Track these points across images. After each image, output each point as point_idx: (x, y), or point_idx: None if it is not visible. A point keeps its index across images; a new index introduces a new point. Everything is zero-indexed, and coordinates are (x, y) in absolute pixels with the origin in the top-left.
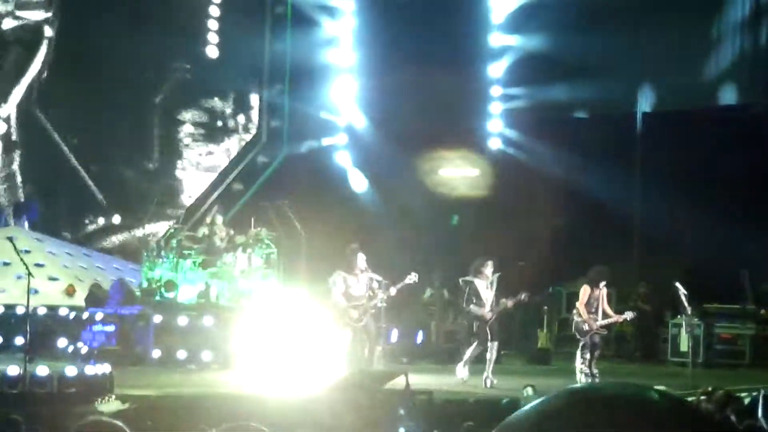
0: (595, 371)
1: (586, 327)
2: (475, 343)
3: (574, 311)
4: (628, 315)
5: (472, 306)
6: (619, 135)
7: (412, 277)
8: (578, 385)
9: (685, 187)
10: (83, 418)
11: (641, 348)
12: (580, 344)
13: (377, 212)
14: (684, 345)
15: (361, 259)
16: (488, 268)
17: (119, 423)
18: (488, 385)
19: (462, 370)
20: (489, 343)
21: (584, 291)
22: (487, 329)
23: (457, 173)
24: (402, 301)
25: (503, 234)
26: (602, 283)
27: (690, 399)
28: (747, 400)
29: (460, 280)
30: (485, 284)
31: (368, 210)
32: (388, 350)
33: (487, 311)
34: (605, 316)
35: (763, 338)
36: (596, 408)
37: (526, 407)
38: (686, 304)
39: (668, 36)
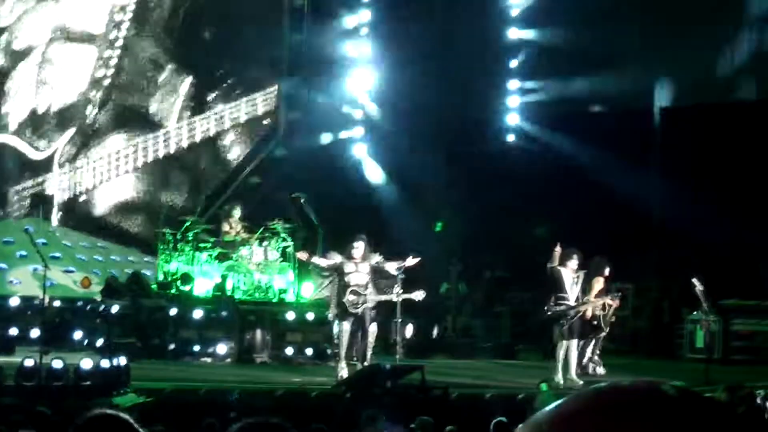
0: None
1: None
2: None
3: (596, 304)
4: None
5: (554, 300)
6: (636, 129)
7: (411, 261)
8: (601, 384)
9: (703, 181)
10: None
11: (657, 344)
12: (601, 335)
13: (394, 205)
14: (700, 341)
15: (361, 247)
16: (574, 261)
17: (124, 415)
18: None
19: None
20: (569, 342)
21: (600, 282)
22: (569, 326)
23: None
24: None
25: (520, 227)
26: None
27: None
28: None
29: (547, 267)
30: (572, 277)
31: (385, 203)
32: (404, 345)
33: (572, 306)
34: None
35: None
36: (620, 406)
37: (551, 406)
38: (703, 299)
39: (686, 30)
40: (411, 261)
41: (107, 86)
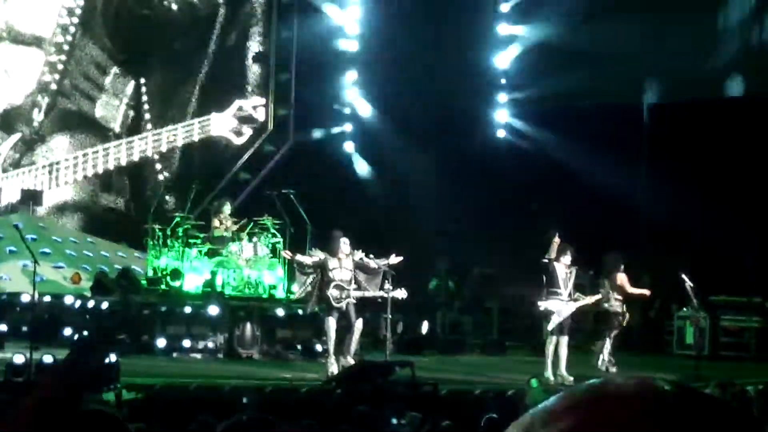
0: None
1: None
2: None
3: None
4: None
5: (547, 296)
6: (625, 126)
7: (394, 259)
8: (594, 380)
9: (691, 178)
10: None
11: (646, 340)
12: (613, 334)
13: (383, 202)
14: (690, 337)
15: (344, 244)
16: (568, 256)
17: (111, 411)
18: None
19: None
20: (559, 337)
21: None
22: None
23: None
24: (407, 291)
25: (509, 224)
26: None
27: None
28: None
29: (541, 261)
30: (565, 272)
31: (374, 199)
32: (394, 341)
33: (564, 301)
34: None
35: None
36: (612, 402)
37: (544, 403)
38: (692, 296)
39: (675, 27)
40: (394, 259)
41: (54, 91)
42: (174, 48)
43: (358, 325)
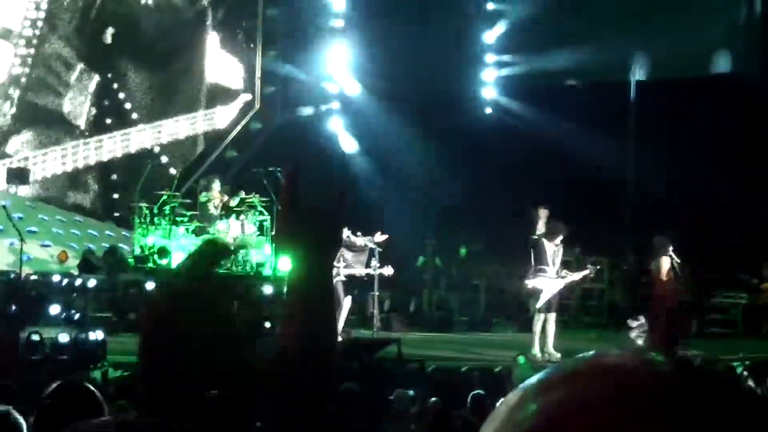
0: None
1: None
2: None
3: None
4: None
5: (534, 273)
6: (612, 103)
7: (380, 237)
8: (586, 353)
9: (678, 154)
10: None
11: (633, 316)
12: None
13: (370, 178)
14: None
15: None
16: (558, 234)
17: (87, 385)
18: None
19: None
20: (547, 314)
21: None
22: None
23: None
24: (394, 269)
25: (496, 201)
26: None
27: None
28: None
29: (531, 238)
30: (553, 249)
31: (361, 176)
32: (381, 318)
33: (552, 278)
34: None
35: (755, 307)
36: (602, 374)
37: (538, 375)
38: (679, 272)
39: (662, 3)
40: (379, 237)
41: (24, 85)
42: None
43: (347, 302)
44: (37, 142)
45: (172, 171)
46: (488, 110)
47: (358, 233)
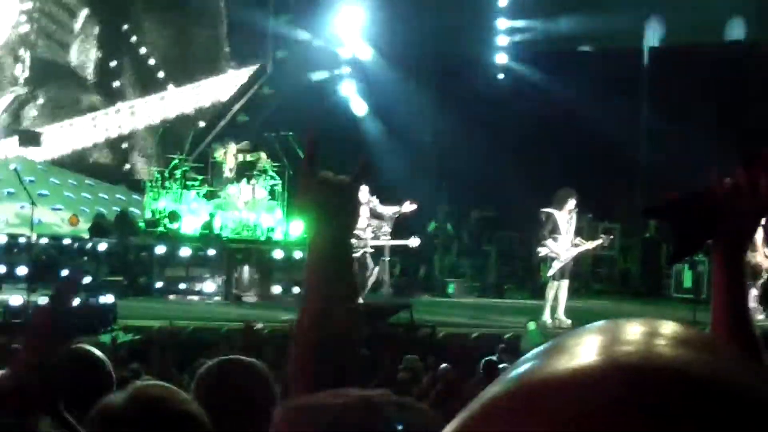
0: None
1: None
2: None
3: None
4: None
5: (548, 241)
6: (625, 69)
7: (409, 206)
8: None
9: (691, 122)
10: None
11: (645, 284)
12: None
13: (382, 143)
14: (689, 281)
15: (363, 191)
16: (570, 203)
17: (95, 351)
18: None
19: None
20: (560, 281)
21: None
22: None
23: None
24: (405, 234)
25: (508, 166)
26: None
27: None
28: None
29: (541, 211)
30: (566, 219)
31: (373, 141)
32: (392, 284)
33: (564, 247)
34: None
35: None
36: (622, 338)
37: (553, 340)
38: None
39: None
40: (408, 206)
41: (32, 42)
42: None
43: (376, 270)
44: (53, 104)
45: None
46: (501, 76)
47: (385, 203)
